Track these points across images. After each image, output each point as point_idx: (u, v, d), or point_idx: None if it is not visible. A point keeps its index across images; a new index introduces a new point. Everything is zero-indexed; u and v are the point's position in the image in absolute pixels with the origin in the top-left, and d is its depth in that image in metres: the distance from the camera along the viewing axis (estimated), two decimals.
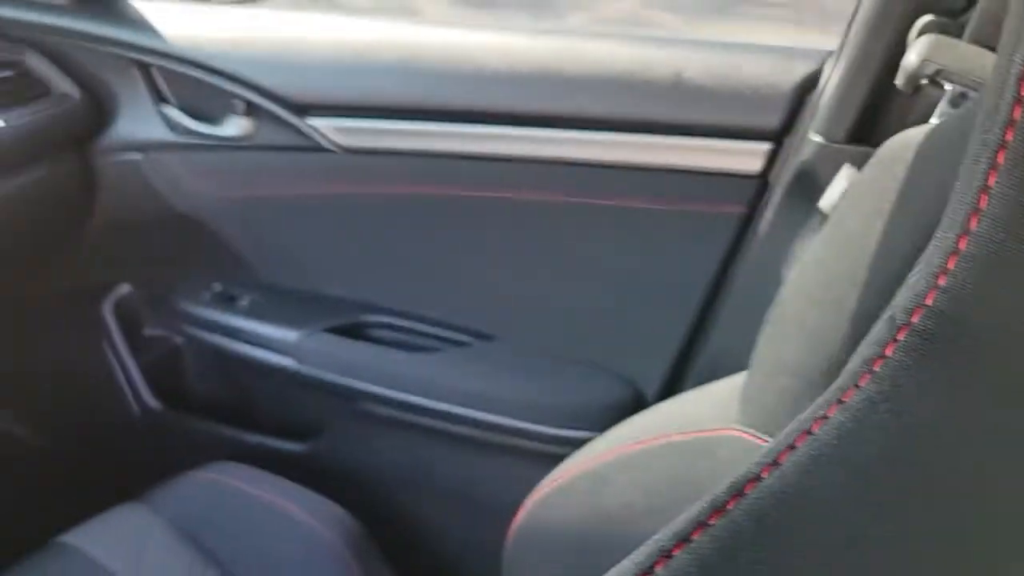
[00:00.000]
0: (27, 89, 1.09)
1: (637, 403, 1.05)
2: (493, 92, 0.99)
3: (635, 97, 0.96)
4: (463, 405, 1.05)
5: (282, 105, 1.04)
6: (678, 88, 0.94)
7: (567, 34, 1.04)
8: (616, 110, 0.96)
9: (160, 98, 1.13)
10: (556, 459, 0.85)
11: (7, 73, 1.09)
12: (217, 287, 1.22)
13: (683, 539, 0.27)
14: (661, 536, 0.27)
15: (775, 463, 0.26)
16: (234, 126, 1.08)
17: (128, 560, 0.89)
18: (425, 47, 1.03)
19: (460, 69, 1.01)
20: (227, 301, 1.20)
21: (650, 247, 1.01)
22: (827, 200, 0.73)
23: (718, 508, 0.27)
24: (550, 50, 1.00)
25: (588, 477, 0.71)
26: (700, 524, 0.27)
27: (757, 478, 0.26)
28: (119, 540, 0.91)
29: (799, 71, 0.92)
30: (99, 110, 1.14)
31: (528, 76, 0.99)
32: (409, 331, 1.14)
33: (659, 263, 1.01)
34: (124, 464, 1.40)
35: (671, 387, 1.06)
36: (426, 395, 1.07)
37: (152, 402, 1.32)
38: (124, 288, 1.33)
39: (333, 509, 0.99)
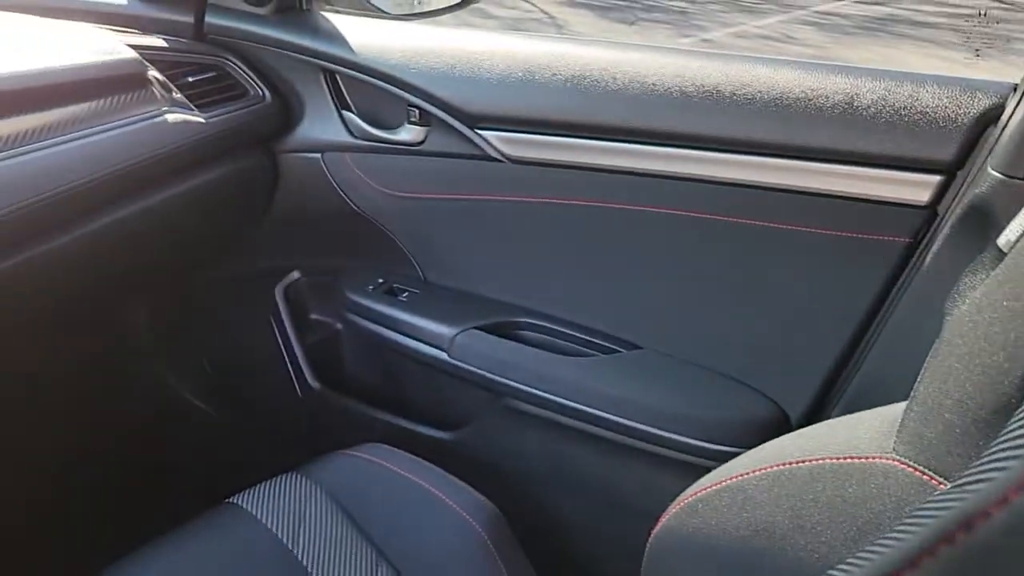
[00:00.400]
0: (226, 90, 1.20)
1: (781, 423, 1.05)
2: (660, 112, 1.01)
3: (805, 123, 0.96)
4: (609, 410, 1.08)
5: (454, 115, 1.11)
6: (850, 116, 0.94)
7: (738, 57, 1.05)
8: (785, 136, 0.96)
9: (342, 104, 1.22)
10: (696, 469, 0.87)
11: (210, 75, 1.20)
12: (380, 280, 1.30)
13: None
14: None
15: (968, 527, 0.26)
16: (408, 133, 1.16)
17: (288, 525, 0.97)
18: (594, 65, 1.06)
19: (628, 88, 1.03)
20: (388, 294, 1.28)
21: (808, 271, 1.01)
22: (1006, 237, 0.72)
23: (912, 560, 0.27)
24: (720, 72, 1.01)
25: (733, 491, 0.73)
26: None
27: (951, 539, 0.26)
28: (281, 506, 0.99)
29: (979, 104, 0.90)
30: (287, 112, 1.24)
31: (697, 98, 1.00)
32: (559, 335, 1.18)
33: (816, 287, 1.01)
34: (285, 436, 1.51)
35: (816, 411, 1.06)
36: (573, 397, 1.10)
37: (313, 382, 1.42)
38: (294, 274, 1.44)
39: (477, 498, 1.03)
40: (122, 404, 1.48)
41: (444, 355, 1.19)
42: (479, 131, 1.10)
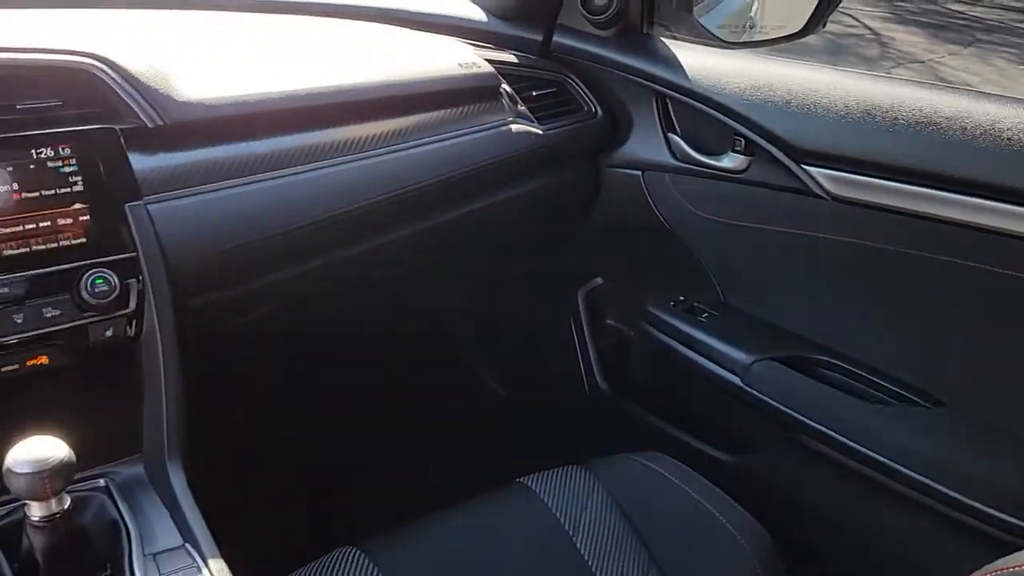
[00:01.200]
0: (563, 105, 1.31)
1: None
2: (1008, 167, 0.96)
3: None
4: (906, 463, 1.05)
5: (782, 148, 1.12)
6: None
7: None
8: None
9: (668, 126, 1.27)
10: (994, 543, 0.82)
11: (551, 90, 1.31)
12: (681, 297, 1.35)
13: None
14: None
15: None
16: (731, 160, 1.19)
17: (570, 513, 1.04)
18: (941, 112, 1.02)
19: (977, 140, 0.99)
20: (688, 312, 1.33)
21: None
22: None
23: None
24: None
25: None
26: None
27: None
28: (565, 494, 1.06)
29: None
30: (615, 129, 1.32)
31: None
32: (859, 378, 1.16)
33: None
34: (570, 429, 1.61)
35: None
36: (869, 444, 1.08)
37: (602, 383, 1.50)
38: (598, 280, 1.52)
39: (754, 524, 1.05)
40: (431, 380, 1.65)
41: (738, 380, 1.21)
42: (805, 166, 1.10)
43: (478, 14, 1.36)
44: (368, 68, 1.10)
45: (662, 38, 1.28)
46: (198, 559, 0.77)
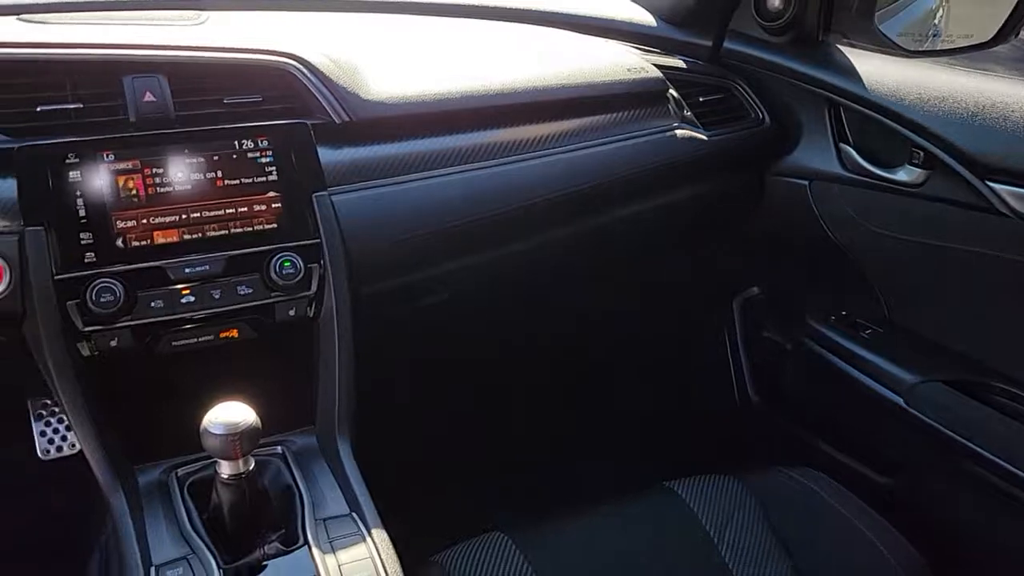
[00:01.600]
0: (730, 111, 1.29)
1: None
2: None
3: None
4: None
5: (965, 164, 1.06)
6: None
7: None
8: None
9: (840, 136, 1.23)
10: None
11: (719, 96, 1.30)
12: (843, 312, 1.31)
13: None
14: None
15: None
16: (907, 174, 1.14)
17: (716, 519, 1.03)
18: None
19: None
20: (850, 327, 1.29)
21: None
22: None
23: None
24: None
25: None
26: None
27: None
28: (712, 501, 1.06)
29: None
30: (783, 138, 1.29)
31: None
32: None
33: None
34: (718, 438, 1.59)
35: None
36: None
37: (753, 394, 1.47)
38: (754, 290, 1.50)
39: (910, 552, 1.01)
40: (578, 381, 1.67)
41: (901, 400, 1.16)
42: (990, 183, 1.05)
43: (647, 19, 1.36)
44: (539, 71, 1.13)
45: (838, 45, 1.25)
46: (362, 528, 0.83)
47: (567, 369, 1.63)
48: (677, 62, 1.29)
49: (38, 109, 0.87)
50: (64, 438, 1.10)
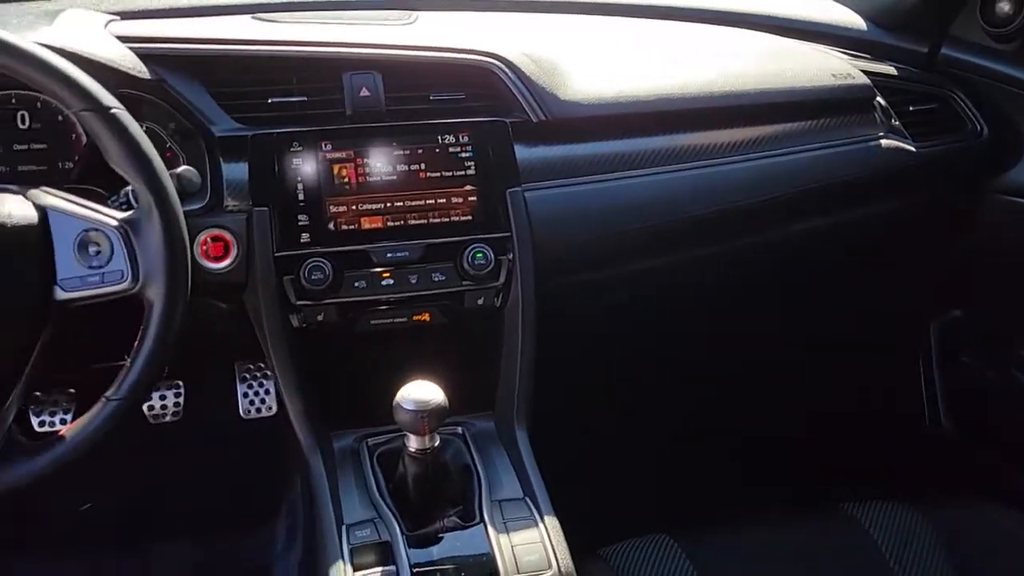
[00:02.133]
0: (943, 122, 1.22)
1: None
2: None
3: None
4: None
5: None
6: None
7: None
8: None
9: None
10: None
11: (932, 105, 1.23)
12: None
13: None
14: None
15: None
16: None
17: (893, 547, 0.99)
18: None
19: None
20: None
21: None
22: None
23: None
24: None
25: None
26: None
27: None
28: (891, 527, 1.01)
29: None
30: (1004, 153, 1.20)
31: None
32: None
33: None
34: (900, 464, 1.50)
35: None
36: None
37: (945, 421, 1.38)
38: (955, 313, 1.40)
39: None
40: (754, 394, 1.61)
41: None
42: None
43: (857, 22, 1.30)
44: (737, 74, 1.11)
45: None
46: (535, 513, 0.86)
47: (743, 380, 1.59)
48: (888, 68, 1.23)
49: (270, 101, 0.96)
50: (263, 401, 1.19)
